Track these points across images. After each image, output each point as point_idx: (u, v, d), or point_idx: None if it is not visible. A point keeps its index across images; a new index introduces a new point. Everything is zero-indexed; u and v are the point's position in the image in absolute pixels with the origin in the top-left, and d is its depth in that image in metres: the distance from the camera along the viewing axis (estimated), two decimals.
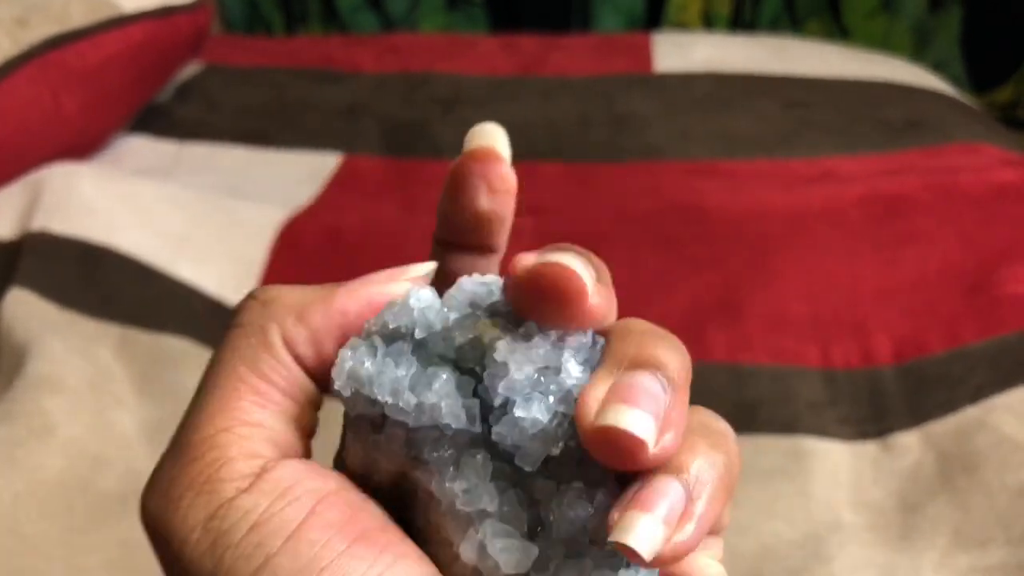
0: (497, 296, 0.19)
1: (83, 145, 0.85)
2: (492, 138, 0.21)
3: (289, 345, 0.19)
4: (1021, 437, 0.53)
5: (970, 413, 0.56)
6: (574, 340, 0.18)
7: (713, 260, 0.71)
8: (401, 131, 0.96)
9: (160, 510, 0.18)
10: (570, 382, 0.18)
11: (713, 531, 0.20)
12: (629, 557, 0.16)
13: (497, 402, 0.18)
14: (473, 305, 0.19)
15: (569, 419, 0.17)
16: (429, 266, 0.21)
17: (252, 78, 1.10)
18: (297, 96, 1.04)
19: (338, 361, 0.19)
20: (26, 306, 0.62)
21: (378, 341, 0.19)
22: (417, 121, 0.97)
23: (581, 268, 0.17)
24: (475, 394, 0.18)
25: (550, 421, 0.17)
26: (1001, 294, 0.64)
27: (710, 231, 0.75)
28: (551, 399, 0.17)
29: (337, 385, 0.19)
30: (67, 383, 0.56)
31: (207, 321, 0.65)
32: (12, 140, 0.76)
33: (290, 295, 0.20)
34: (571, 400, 0.17)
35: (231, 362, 0.19)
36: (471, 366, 0.18)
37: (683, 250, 0.73)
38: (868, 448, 0.57)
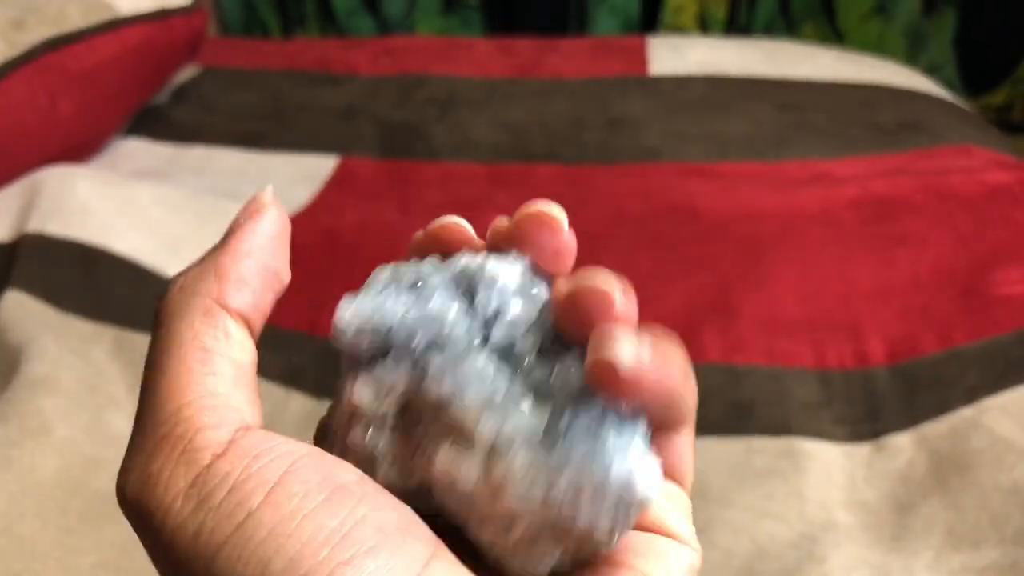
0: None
1: (80, 147, 0.85)
2: None
3: (223, 302, 0.20)
4: (1014, 437, 0.54)
5: (963, 414, 0.56)
6: None
7: (707, 261, 0.72)
8: (397, 133, 0.96)
9: (140, 487, 0.18)
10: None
11: (675, 477, 0.21)
12: (606, 379, 0.18)
13: (491, 309, 0.20)
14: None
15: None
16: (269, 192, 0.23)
17: (249, 81, 1.10)
18: (294, 98, 1.05)
19: (337, 310, 0.20)
20: (22, 308, 0.62)
21: (374, 289, 0.21)
22: (413, 123, 0.98)
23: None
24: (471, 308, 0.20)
25: (540, 313, 0.20)
26: (993, 295, 0.64)
27: (704, 233, 0.75)
28: (537, 299, 0.20)
29: (340, 327, 0.20)
30: (62, 384, 0.56)
31: None
32: (8, 142, 0.76)
33: (196, 267, 0.21)
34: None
35: (175, 344, 0.19)
36: (463, 289, 0.20)
37: (677, 251, 0.73)
38: (862, 449, 0.57)
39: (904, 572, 0.49)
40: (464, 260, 0.21)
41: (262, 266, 0.21)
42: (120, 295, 0.66)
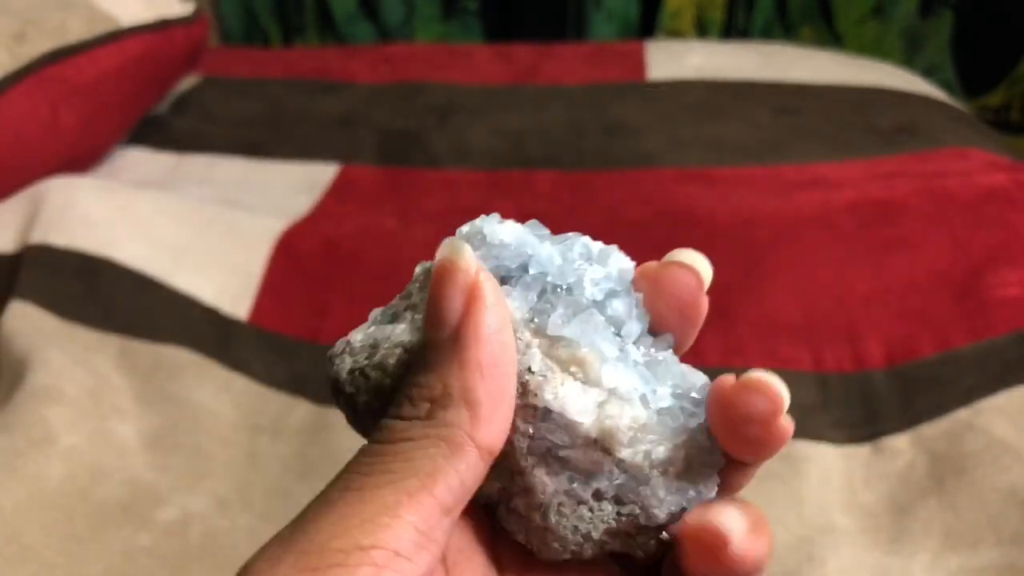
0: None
1: (82, 158, 0.86)
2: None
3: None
4: (1011, 439, 0.54)
5: (960, 416, 0.57)
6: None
7: None
8: (397, 141, 0.96)
9: None
10: None
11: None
12: (713, 546, 0.19)
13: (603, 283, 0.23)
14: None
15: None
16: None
17: (249, 90, 1.11)
18: (294, 107, 1.05)
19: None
20: (26, 318, 0.63)
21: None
22: (412, 131, 0.98)
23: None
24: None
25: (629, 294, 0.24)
26: (990, 297, 0.65)
27: (702, 237, 0.75)
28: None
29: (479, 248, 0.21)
30: (67, 393, 0.57)
31: (205, 331, 0.66)
32: (11, 154, 0.76)
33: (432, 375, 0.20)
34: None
35: (403, 471, 0.17)
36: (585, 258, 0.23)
37: None
38: (860, 451, 0.57)
39: (902, 574, 0.49)
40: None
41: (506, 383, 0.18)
42: (124, 304, 0.66)
